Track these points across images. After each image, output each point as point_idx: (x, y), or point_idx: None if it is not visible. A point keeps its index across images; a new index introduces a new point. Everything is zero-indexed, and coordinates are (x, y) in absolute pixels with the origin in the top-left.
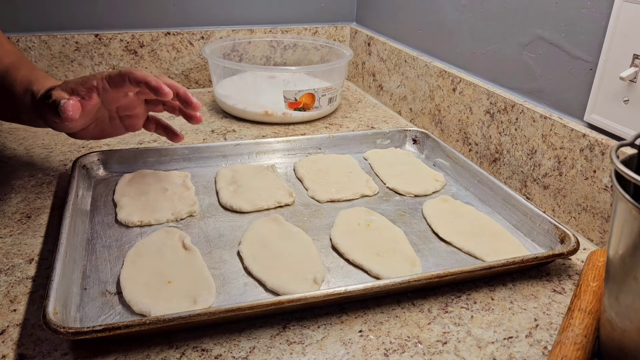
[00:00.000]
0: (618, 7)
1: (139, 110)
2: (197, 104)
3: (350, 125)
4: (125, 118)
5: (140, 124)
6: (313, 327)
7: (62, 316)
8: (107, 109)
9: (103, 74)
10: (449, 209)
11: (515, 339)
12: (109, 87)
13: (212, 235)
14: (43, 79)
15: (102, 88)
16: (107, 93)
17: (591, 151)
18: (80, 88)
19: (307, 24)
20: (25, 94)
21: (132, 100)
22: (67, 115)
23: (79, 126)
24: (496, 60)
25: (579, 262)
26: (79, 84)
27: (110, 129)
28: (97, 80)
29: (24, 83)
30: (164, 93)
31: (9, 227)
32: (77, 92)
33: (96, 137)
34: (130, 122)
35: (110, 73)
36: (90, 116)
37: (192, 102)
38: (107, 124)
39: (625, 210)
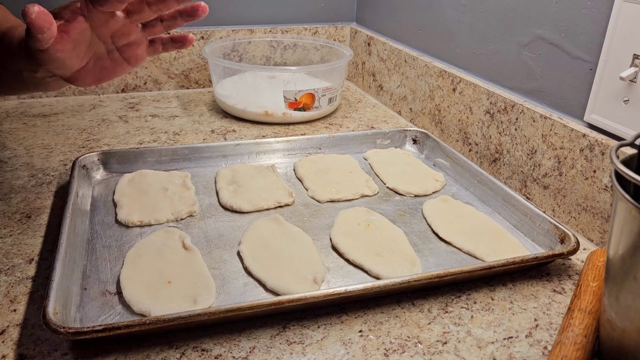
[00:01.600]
0: (618, 7)
1: (135, 36)
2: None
3: (350, 125)
4: (124, 49)
5: (142, 54)
6: (313, 327)
7: (62, 316)
8: (101, 41)
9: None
10: (449, 209)
11: (515, 339)
12: (92, 6)
13: (212, 235)
14: None
15: (87, 9)
16: (93, 15)
17: (591, 151)
18: (63, 11)
19: (307, 24)
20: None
21: (125, 25)
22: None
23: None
24: (496, 60)
25: (579, 262)
26: (62, 8)
27: (111, 64)
28: (80, 1)
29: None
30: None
31: (9, 227)
32: (60, 16)
33: (99, 78)
34: (131, 52)
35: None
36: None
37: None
38: (106, 59)
39: (625, 210)
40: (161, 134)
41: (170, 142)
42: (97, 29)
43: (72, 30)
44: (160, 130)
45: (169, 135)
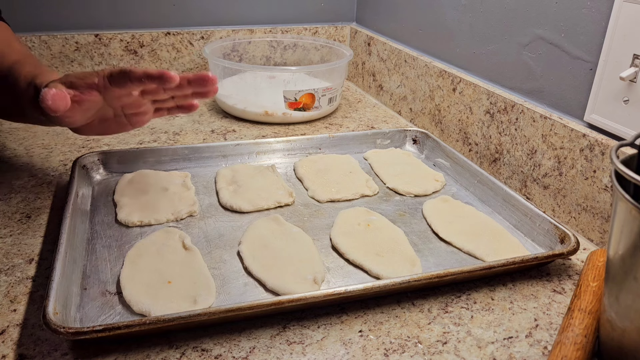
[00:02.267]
0: (618, 7)
1: (145, 108)
2: (214, 77)
3: (350, 125)
4: (131, 116)
5: (147, 120)
6: (313, 327)
7: (62, 316)
8: (110, 107)
9: (105, 72)
10: (449, 209)
11: (515, 339)
12: (110, 85)
13: (212, 235)
14: (48, 73)
15: (104, 86)
16: (109, 91)
17: (591, 151)
18: (79, 82)
19: (307, 24)
20: (29, 88)
21: (137, 99)
22: (45, 105)
23: (79, 122)
24: (496, 60)
25: (579, 262)
26: (79, 79)
27: (116, 125)
28: (98, 77)
29: (27, 78)
30: (170, 77)
31: (9, 227)
32: (76, 87)
33: (101, 133)
34: (137, 118)
35: (112, 71)
36: (91, 112)
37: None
38: (112, 120)
39: (625, 210)
40: (161, 134)
41: (170, 142)
42: (109, 101)
43: (85, 102)
44: (160, 130)
45: (169, 135)
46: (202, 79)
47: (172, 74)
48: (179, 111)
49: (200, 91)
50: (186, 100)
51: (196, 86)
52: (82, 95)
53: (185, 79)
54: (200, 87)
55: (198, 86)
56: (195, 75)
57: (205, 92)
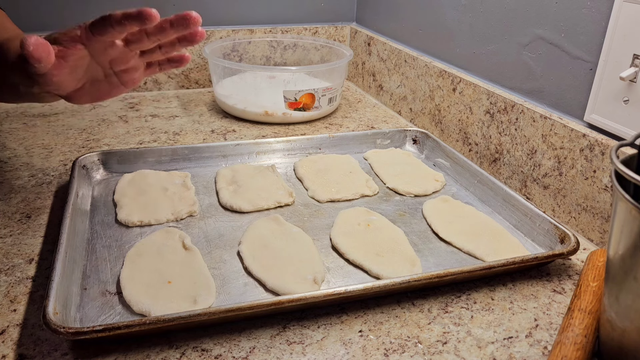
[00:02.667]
0: (618, 7)
1: (134, 62)
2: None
3: (350, 125)
4: (122, 73)
5: (139, 77)
6: (313, 327)
7: (62, 316)
8: (99, 65)
9: (86, 23)
10: (449, 209)
11: (515, 339)
12: (92, 34)
13: (212, 235)
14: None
15: (87, 38)
16: (92, 43)
17: (591, 151)
18: (62, 37)
19: (307, 24)
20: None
21: (123, 52)
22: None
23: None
24: (496, 60)
25: (579, 262)
26: (62, 33)
27: (107, 87)
28: (80, 29)
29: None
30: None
31: (9, 227)
32: (59, 42)
33: (95, 98)
34: (128, 76)
35: (93, 19)
36: (79, 72)
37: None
38: (103, 82)
39: (625, 210)
40: (161, 134)
41: (170, 142)
42: (95, 55)
43: (70, 57)
44: (160, 130)
45: (169, 135)
46: (184, 18)
47: (151, 10)
48: (170, 65)
49: (185, 34)
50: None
51: (180, 28)
52: (66, 50)
53: (167, 21)
54: (183, 28)
55: (181, 28)
56: (176, 16)
57: (190, 34)
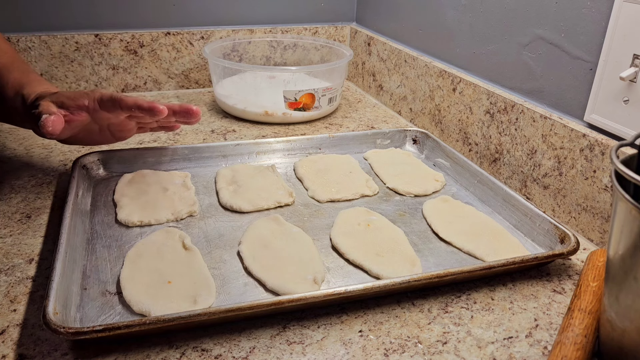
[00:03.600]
0: (618, 7)
1: (129, 127)
2: (198, 111)
3: (350, 125)
4: (116, 131)
5: (130, 135)
6: (313, 327)
7: (62, 316)
8: (97, 124)
9: (95, 95)
10: (449, 209)
11: (515, 339)
12: (99, 109)
13: (212, 235)
14: (35, 82)
15: (93, 109)
16: (97, 113)
17: (591, 151)
18: (70, 103)
19: (307, 24)
20: (16, 97)
21: (123, 121)
22: (45, 131)
23: (64, 137)
24: (496, 60)
25: (579, 262)
26: (70, 99)
27: (99, 138)
28: (89, 99)
29: (14, 86)
30: (159, 111)
31: (9, 227)
32: (66, 107)
33: (84, 144)
34: (122, 134)
35: (103, 95)
36: (78, 129)
37: (192, 110)
38: (97, 134)
39: (625, 210)
40: (161, 134)
41: (170, 142)
42: (96, 120)
43: (74, 122)
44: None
45: (169, 135)
46: (186, 111)
47: (160, 107)
48: (161, 130)
49: (184, 121)
50: (170, 125)
51: (180, 117)
52: (72, 116)
53: (171, 110)
54: (184, 118)
55: (182, 117)
56: (180, 107)
57: (188, 122)
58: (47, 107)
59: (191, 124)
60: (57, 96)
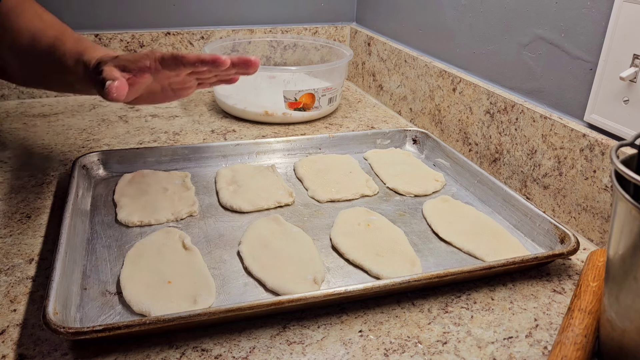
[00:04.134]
0: (618, 7)
1: (191, 84)
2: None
3: (350, 125)
4: (177, 89)
5: (191, 92)
6: (313, 327)
7: (62, 316)
8: (158, 84)
9: (156, 55)
10: (449, 209)
11: (515, 339)
12: (161, 68)
13: (212, 235)
14: (92, 48)
15: (155, 69)
16: (159, 73)
17: (591, 151)
18: (132, 66)
19: (307, 24)
20: (77, 65)
21: (184, 78)
22: (110, 97)
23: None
24: (496, 60)
25: (579, 262)
26: (131, 62)
27: (162, 97)
28: (150, 60)
29: (73, 55)
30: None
31: (9, 227)
32: (129, 70)
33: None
34: (183, 92)
35: (164, 54)
36: (141, 91)
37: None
38: (159, 93)
39: (625, 210)
40: (161, 134)
41: (170, 142)
42: (158, 79)
43: (137, 84)
44: (160, 130)
45: (169, 135)
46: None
47: (223, 58)
48: (220, 83)
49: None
50: (229, 76)
51: (239, 68)
52: (134, 78)
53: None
54: (243, 69)
55: (241, 68)
56: (239, 59)
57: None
58: (111, 73)
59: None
60: (119, 60)
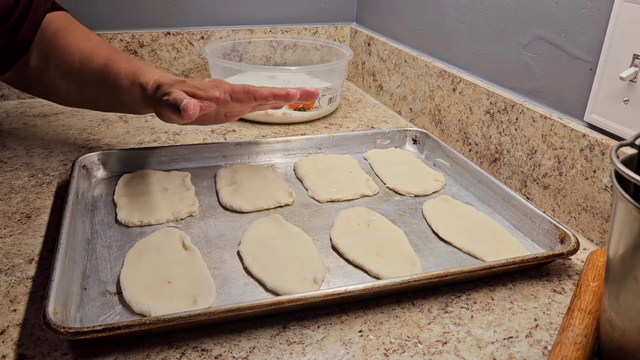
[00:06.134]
0: (618, 7)
1: (246, 111)
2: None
3: (350, 125)
4: (231, 116)
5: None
6: (313, 327)
7: (62, 316)
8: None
9: (226, 87)
10: (449, 209)
11: (515, 339)
12: (230, 100)
13: (212, 235)
14: (147, 69)
15: (224, 100)
16: (227, 104)
17: (591, 151)
18: (201, 94)
19: (307, 24)
20: (133, 86)
21: (245, 108)
22: (187, 114)
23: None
24: (496, 60)
25: (579, 262)
26: (201, 90)
27: (214, 120)
28: (219, 92)
29: (128, 75)
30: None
31: (9, 227)
32: (198, 97)
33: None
34: (234, 118)
35: (234, 88)
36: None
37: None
38: (212, 118)
39: (625, 210)
40: (161, 134)
41: (170, 142)
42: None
43: (203, 111)
44: (160, 130)
45: (169, 135)
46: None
47: (294, 92)
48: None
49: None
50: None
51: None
52: (202, 105)
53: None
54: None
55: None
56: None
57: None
58: (181, 96)
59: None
60: (187, 85)
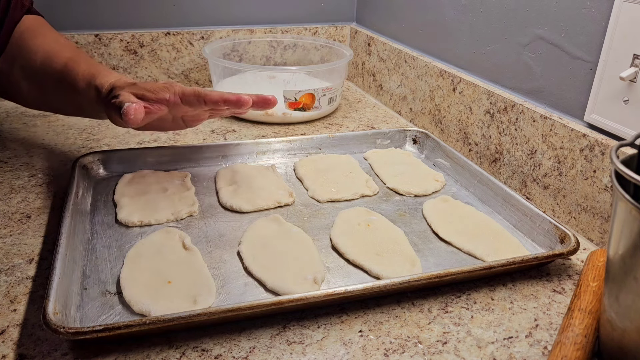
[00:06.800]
0: (618, 7)
1: (204, 116)
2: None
3: (350, 125)
4: (189, 121)
5: (201, 122)
6: (313, 327)
7: (62, 316)
8: (171, 115)
9: (176, 89)
10: (449, 209)
11: (515, 339)
12: (180, 103)
13: (212, 235)
14: (105, 72)
15: (174, 102)
16: (178, 107)
17: (591, 151)
18: (151, 96)
19: (307, 24)
20: (89, 88)
21: (199, 112)
22: (128, 119)
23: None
24: (496, 60)
25: (579, 262)
26: (150, 92)
27: (171, 126)
28: (170, 94)
29: (86, 77)
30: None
31: (9, 227)
32: (147, 99)
33: (155, 130)
34: (194, 123)
35: (184, 91)
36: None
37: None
38: (169, 123)
39: (625, 210)
40: (161, 134)
41: (170, 142)
42: (173, 112)
43: (153, 113)
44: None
45: (169, 135)
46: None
47: (246, 98)
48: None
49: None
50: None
51: (257, 106)
52: (151, 108)
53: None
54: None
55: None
56: (257, 97)
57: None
58: (128, 98)
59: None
60: (137, 88)
